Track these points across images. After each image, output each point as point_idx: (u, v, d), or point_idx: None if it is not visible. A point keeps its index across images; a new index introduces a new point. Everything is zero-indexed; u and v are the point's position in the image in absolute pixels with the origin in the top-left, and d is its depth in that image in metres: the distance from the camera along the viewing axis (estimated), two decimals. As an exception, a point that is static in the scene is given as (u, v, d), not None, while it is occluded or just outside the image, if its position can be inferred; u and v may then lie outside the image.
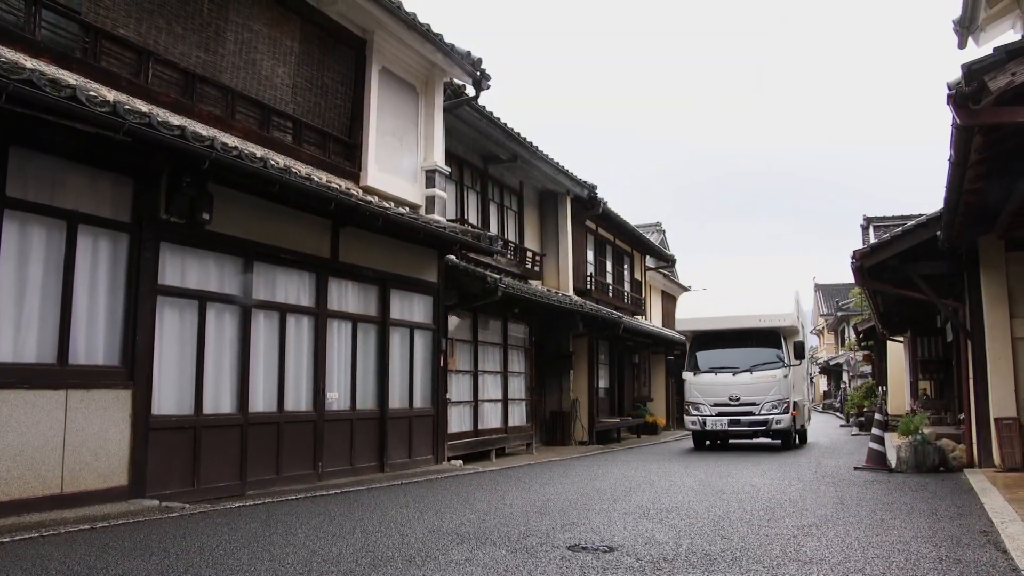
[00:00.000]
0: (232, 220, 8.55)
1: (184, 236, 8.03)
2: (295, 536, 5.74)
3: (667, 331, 25.44)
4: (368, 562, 4.81)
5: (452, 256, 12.80)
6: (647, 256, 28.29)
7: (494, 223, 16.79)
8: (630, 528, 6.09)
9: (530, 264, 17.99)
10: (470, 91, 13.37)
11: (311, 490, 8.68)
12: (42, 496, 6.47)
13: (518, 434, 15.58)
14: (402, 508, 7.27)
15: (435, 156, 12.56)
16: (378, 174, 11.34)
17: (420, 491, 8.73)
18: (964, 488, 8.75)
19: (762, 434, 16.28)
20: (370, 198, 10.49)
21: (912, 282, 11.81)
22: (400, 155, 12.02)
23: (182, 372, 8.05)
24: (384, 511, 7.08)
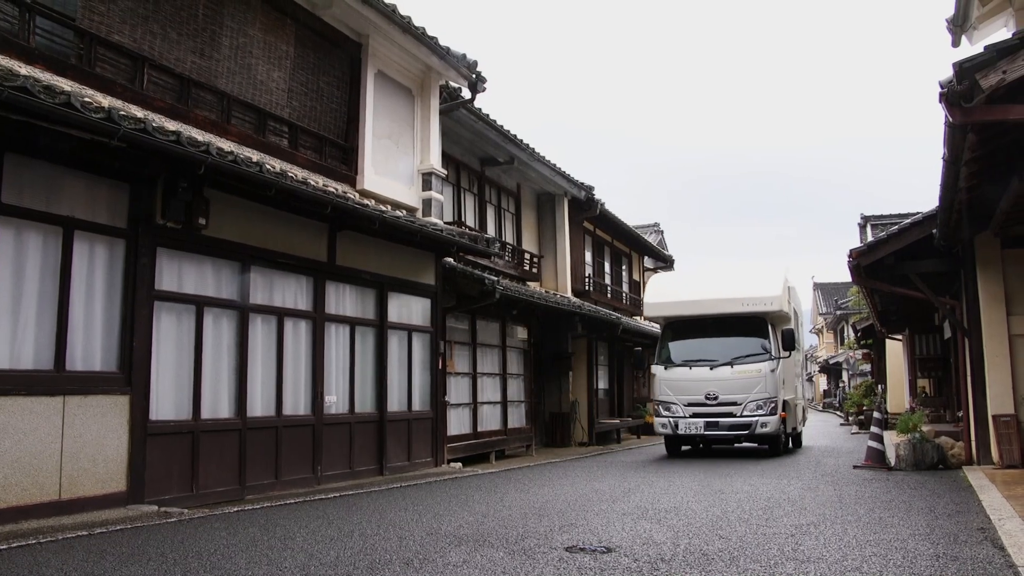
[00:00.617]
0: (229, 225, 8.56)
1: (181, 241, 8.04)
2: (293, 540, 5.74)
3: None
4: (366, 565, 4.81)
5: (450, 259, 12.81)
6: (645, 257, 28.31)
7: (492, 225, 16.80)
8: (628, 529, 6.09)
9: (528, 266, 17.99)
10: (466, 94, 13.39)
11: (310, 494, 8.68)
12: (40, 503, 6.48)
13: (517, 436, 15.58)
14: (400, 511, 7.27)
15: (431, 159, 12.58)
16: (374, 177, 11.36)
17: (419, 494, 8.73)
18: (962, 485, 8.76)
19: (746, 439, 14.14)
20: (367, 201, 10.50)
21: (909, 280, 11.83)
22: (396, 158, 12.03)
23: (180, 377, 8.05)
24: (382, 514, 7.09)
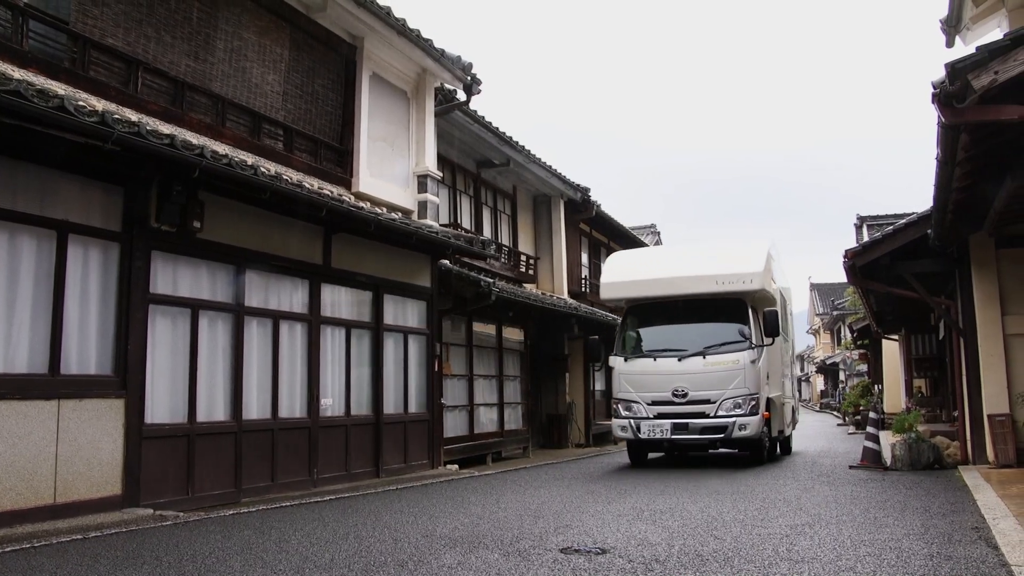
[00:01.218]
0: (223, 228, 8.55)
1: (175, 244, 8.03)
2: (288, 543, 5.74)
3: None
4: (361, 567, 4.81)
5: (445, 261, 12.81)
6: (642, 258, 28.24)
7: (487, 227, 16.80)
8: (623, 530, 6.09)
9: (524, 268, 18.00)
10: (461, 96, 13.40)
11: (306, 496, 8.67)
12: (35, 507, 6.46)
13: (514, 438, 15.58)
14: (396, 513, 7.27)
15: (427, 161, 12.58)
16: (370, 180, 11.36)
17: (415, 496, 8.72)
18: (958, 485, 8.77)
19: (721, 444, 12.11)
20: (362, 204, 10.50)
21: (904, 281, 11.85)
22: (392, 160, 12.03)
23: (175, 380, 8.04)
24: (378, 516, 7.08)
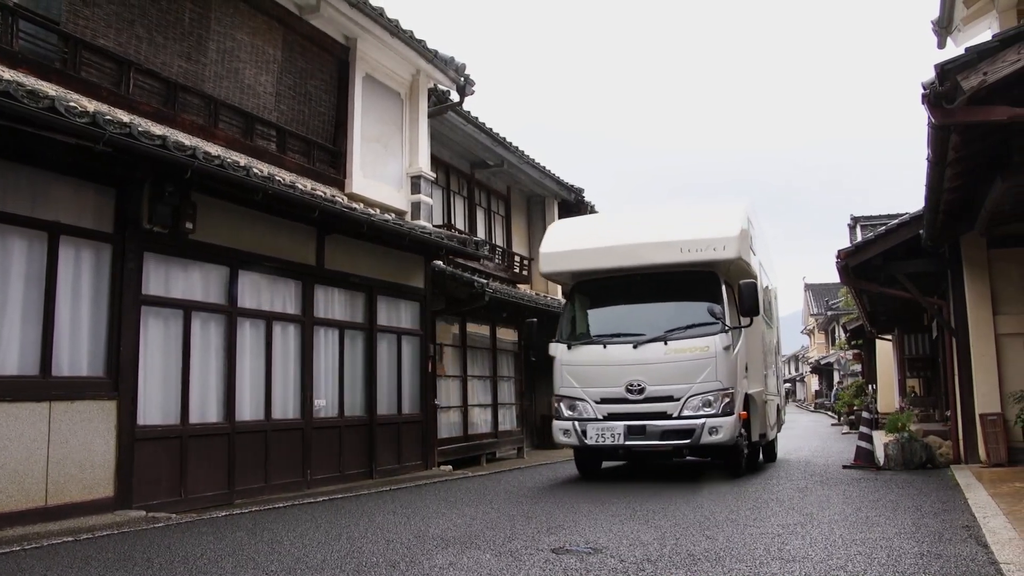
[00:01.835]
0: (216, 229, 8.54)
1: (168, 246, 8.02)
2: (280, 544, 5.73)
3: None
4: (352, 568, 4.81)
5: (439, 262, 12.82)
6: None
7: (481, 228, 16.81)
8: (616, 530, 6.10)
9: (518, 268, 18.01)
10: (455, 97, 13.41)
11: (299, 498, 8.67)
12: (26, 509, 6.45)
13: (508, 438, 15.58)
14: (389, 514, 7.27)
15: (420, 162, 12.59)
16: (363, 181, 11.36)
17: (408, 497, 8.72)
18: (950, 484, 8.80)
19: (688, 451, 9.87)
20: (355, 205, 10.50)
21: (897, 281, 11.88)
22: (385, 161, 12.03)
23: (168, 382, 8.03)
24: (371, 517, 7.08)
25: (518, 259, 18.10)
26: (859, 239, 16.49)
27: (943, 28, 11.09)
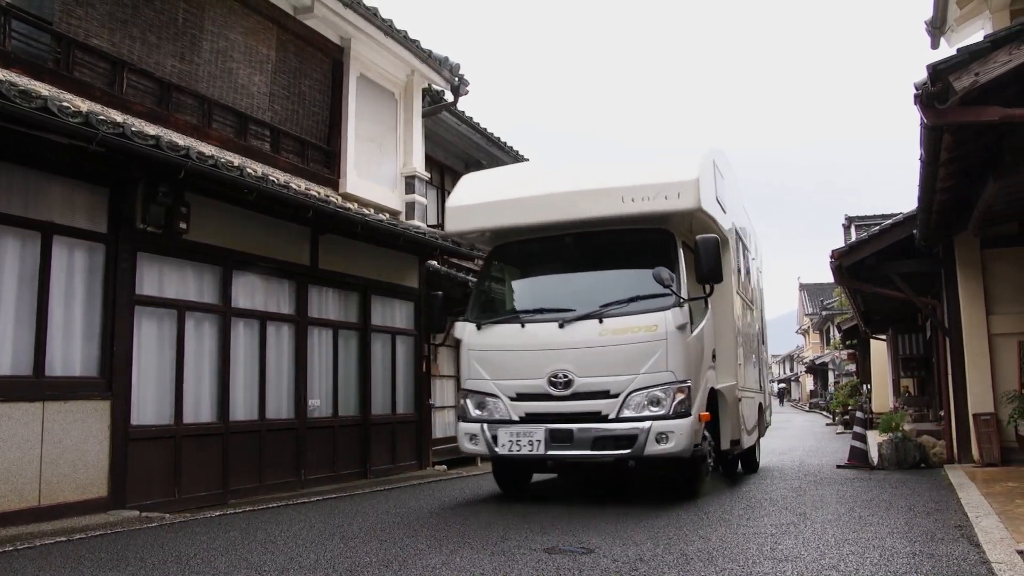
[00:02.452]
0: (210, 229, 8.53)
1: (161, 246, 8.01)
2: (274, 543, 5.73)
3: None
4: (345, 567, 4.81)
5: (433, 262, 12.81)
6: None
7: (476, 228, 16.78)
8: (609, 529, 6.10)
9: (513, 268, 17.98)
10: (449, 97, 13.42)
11: (293, 498, 8.66)
12: (19, 509, 6.44)
13: (503, 438, 15.54)
14: (383, 514, 7.26)
15: (415, 162, 12.58)
16: (357, 181, 11.35)
17: (402, 497, 8.72)
18: (943, 484, 8.83)
19: (633, 461, 7.26)
20: (349, 205, 10.49)
21: (891, 281, 11.92)
22: (379, 161, 12.03)
23: (161, 382, 8.02)
24: (364, 517, 7.08)
25: (513, 259, 18.08)
26: (854, 239, 16.55)
27: (936, 28, 11.13)
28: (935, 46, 11.49)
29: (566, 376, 7.38)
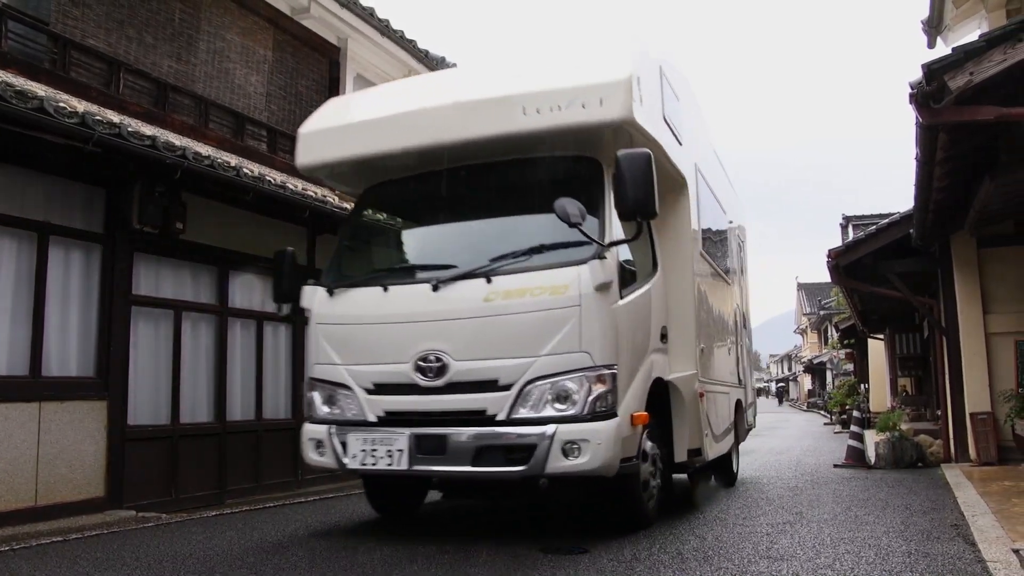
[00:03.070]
0: (206, 229, 8.53)
1: (158, 246, 8.01)
2: (271, 543, 5.73)
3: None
4: (343, 566, 4.81)
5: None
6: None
7: (474, 228, 16.77)
8: (606, 529, 6.10)
9: (511, 268, 17.97)
10: (447, 97, 13.39)
11: (291, 497, 8.66)
12: (15, 509, 6.43)
13: (501, 438, 15.53)
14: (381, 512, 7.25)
15: (412, 162, 12.57)
16: (355, 181, 11.34)
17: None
18: (939, 483, 8.84)
19: (526, 479, 5.15)
20: (346, 205, 10.48)
21: (888, 280, 11.93)
22: (377, 161, 12.01)
23: (158, 382, 8.02)
24: (362, 516, 7.08)
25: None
26: (851, 238, 16.56)
27: (933, 28, 11.14)
28: (931, 45, 11.50)
29: (438, 359, 5.25)
